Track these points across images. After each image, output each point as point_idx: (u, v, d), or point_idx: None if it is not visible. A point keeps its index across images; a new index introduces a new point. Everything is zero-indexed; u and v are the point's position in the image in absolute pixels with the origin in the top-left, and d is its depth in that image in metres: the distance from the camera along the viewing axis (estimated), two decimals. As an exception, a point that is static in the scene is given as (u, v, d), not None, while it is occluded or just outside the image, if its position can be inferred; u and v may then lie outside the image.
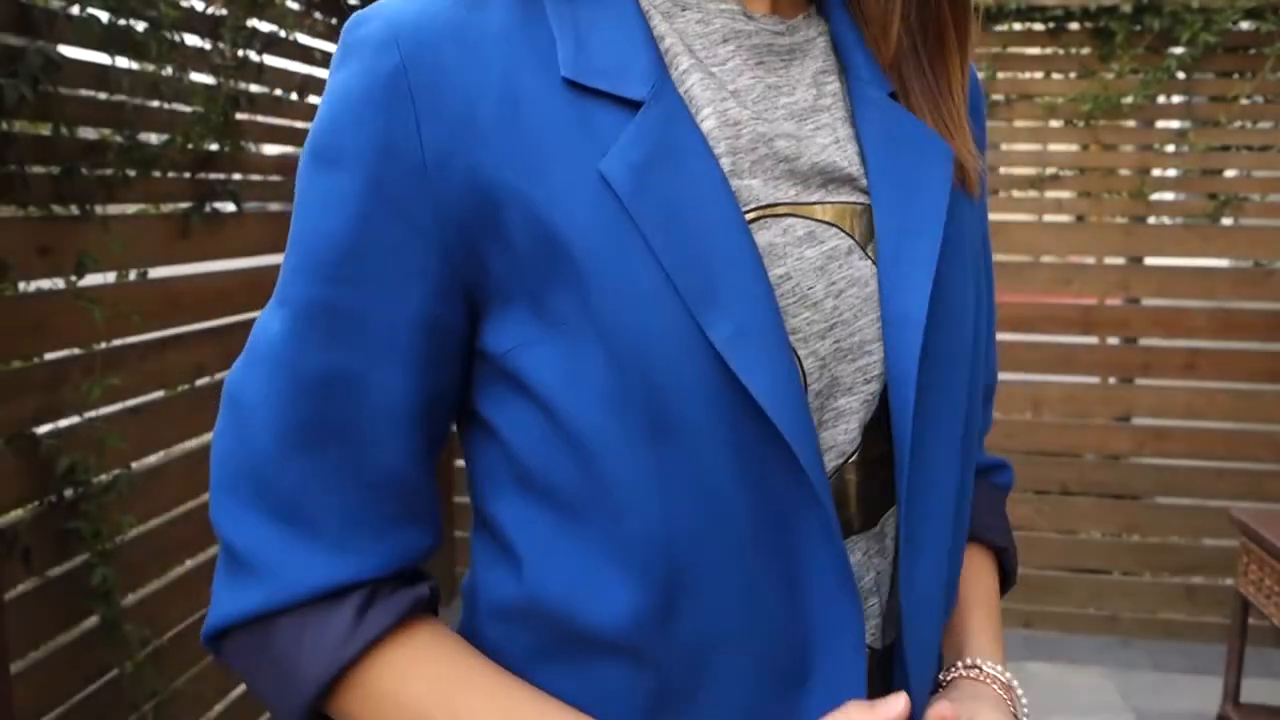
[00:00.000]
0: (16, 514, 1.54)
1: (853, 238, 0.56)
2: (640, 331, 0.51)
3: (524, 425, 0.55)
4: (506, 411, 0.56)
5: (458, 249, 0.53)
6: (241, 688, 2.19)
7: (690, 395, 0.51)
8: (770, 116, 0.57)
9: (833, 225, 0.56)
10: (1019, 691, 0.65)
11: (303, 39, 2.39)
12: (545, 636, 0.56)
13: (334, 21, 2.55)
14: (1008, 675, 0.65)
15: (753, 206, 0.54)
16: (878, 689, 0.58)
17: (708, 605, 0.53)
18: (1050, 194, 3.02)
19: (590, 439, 0.52)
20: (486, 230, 0.52)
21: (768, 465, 0.52)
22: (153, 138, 1.82)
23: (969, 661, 0.66)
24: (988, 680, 0.64)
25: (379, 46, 0.52)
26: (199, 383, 2.01)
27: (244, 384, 0.55)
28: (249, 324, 2.17)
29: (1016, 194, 3.04)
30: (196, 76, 1.93)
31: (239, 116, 2.09)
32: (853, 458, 0.56)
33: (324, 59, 2.48)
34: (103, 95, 1.70)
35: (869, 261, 0.56)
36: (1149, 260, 3.16)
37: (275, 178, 2.29)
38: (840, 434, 0.56)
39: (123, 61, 1.73)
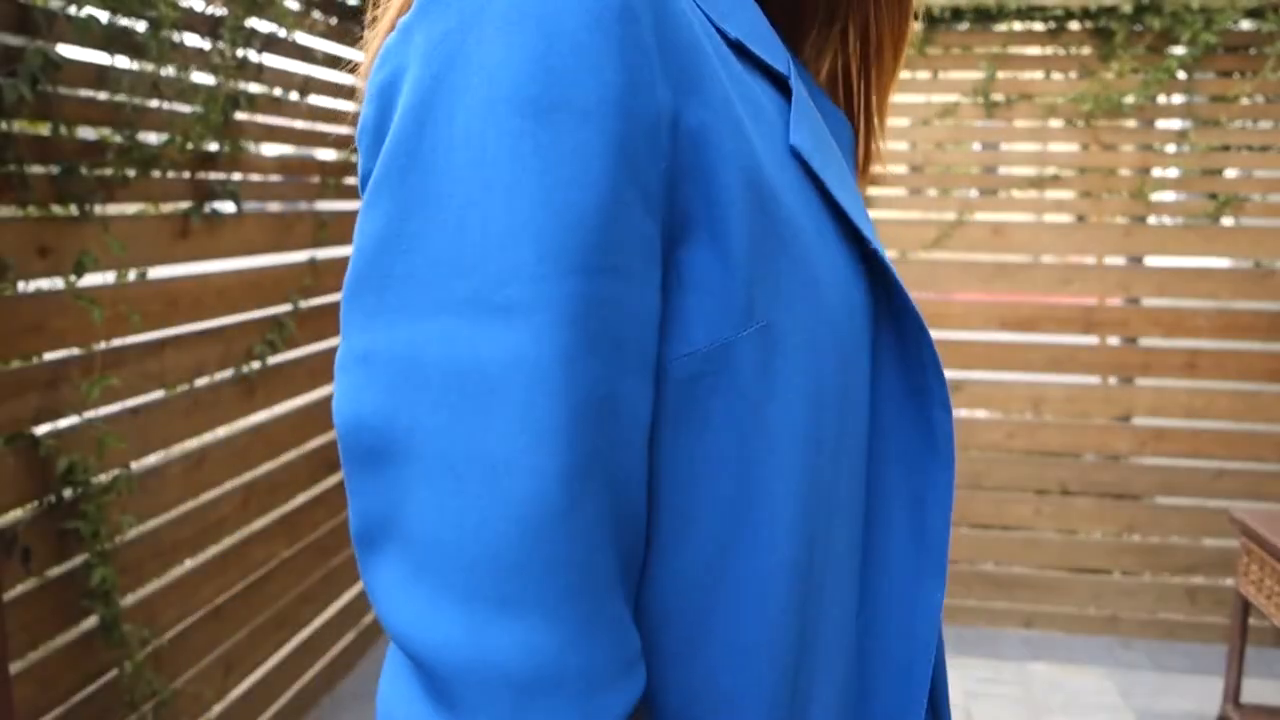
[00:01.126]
0: (16, 514, 1.54)
1: None
2: (839, 315, 0.47)
3: (686, 471, 0.45)
4: (657, 456, 0.45)
5: (668, 223, 0.43)
6: (242, 687, 2.19)
7: (862, 384, 0.49)
8: None
9: None
10: None
11: (302, 39, 2.38)
12: None
13: (334, 21, 2.54)
14: None
15: None
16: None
17: (821, 607, 0.49)
18: (1050, 194, 3.02)
19: (789, 450, 0.45)
20: (702, 202, 0.43)
21: (904, 446, 0.53)
22: (152, 137, 1.82)
23: None
24: None
25: None
26: (198, 383, 2.01)
27: (471, 432, 0.39)
28: (248, 324, 2.17)
29: (1016, 194, 3.03)
30: (196, 76, 1.93)
31: (239, 116, 2.09)
32: None
33: (324, 59, 2.47)
34: (102, 95, 1.69)
35: None
36: (1149, 260, 3.16)
37: (275, 178, 2.28)
38: None
39: (122, 61, 1.73)
